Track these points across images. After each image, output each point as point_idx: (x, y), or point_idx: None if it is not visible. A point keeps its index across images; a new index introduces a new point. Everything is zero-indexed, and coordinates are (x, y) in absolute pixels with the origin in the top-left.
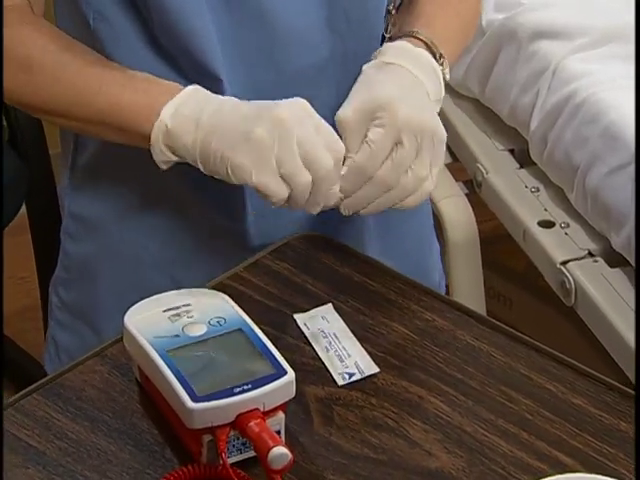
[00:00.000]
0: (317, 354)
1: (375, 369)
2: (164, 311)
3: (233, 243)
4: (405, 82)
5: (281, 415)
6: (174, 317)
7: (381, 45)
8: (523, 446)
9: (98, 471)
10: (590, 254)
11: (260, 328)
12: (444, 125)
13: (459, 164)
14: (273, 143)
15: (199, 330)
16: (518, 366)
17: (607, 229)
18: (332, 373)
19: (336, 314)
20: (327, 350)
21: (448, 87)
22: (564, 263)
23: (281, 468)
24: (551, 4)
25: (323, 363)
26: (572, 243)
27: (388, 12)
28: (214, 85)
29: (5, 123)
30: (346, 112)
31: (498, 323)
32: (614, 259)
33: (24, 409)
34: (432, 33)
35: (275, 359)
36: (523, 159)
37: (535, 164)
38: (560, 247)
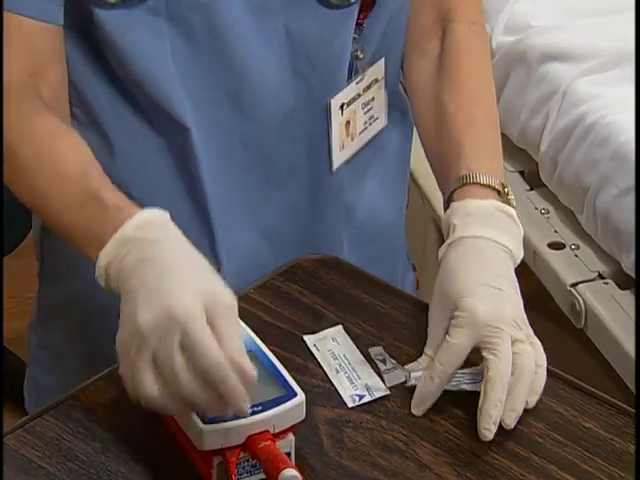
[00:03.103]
0: (327, 376)
1: (385, 391)
2: None
3: None
4: (486, 261)
5: (291, 437)
6: None
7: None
8: (534, 469)
9: None
10: (600, 276)
11: (270, 349)
12: None
13: None
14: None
15: None
16: None
17: (617, 251)
18: (342, 395)
19: (346, 336)
20: (337, 372)
21: None
22: (574, 285)
23: None
24: (561, 27)
25: (333, 385)
26: (582, 265)
27: (355, 57)
28: (182, 133)
29: None
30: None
31: None
32: (624, 281)
33: (34, 430)
34: (480, 166)
35: (286, 381)
36: (533, 181)
37: (545, 186)
38: (570, 269)
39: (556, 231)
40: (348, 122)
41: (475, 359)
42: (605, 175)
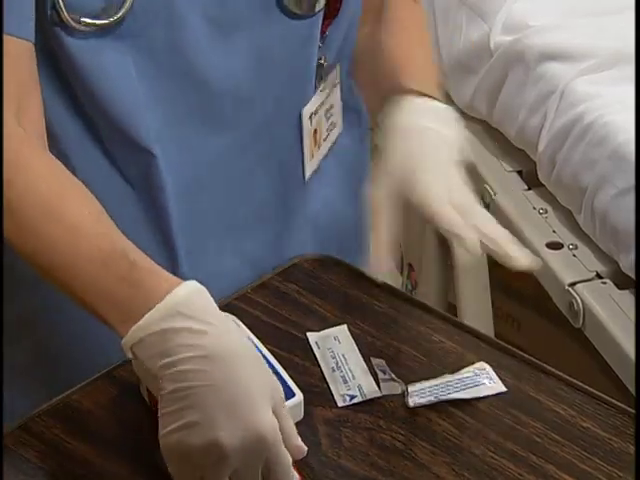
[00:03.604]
0: (324, 375)
1: (378, 393)
2: None
3: None
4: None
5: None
6: None
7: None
8: (532, 469)
9: None
10: (598, 276)
11: (268, 349)
12: None
13: None
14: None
15: None
16: (527, 388)
17: (615, 251)
18: (333, 393)
19: (349, 336)
20: (333, 370)
21: (456, 109)
22: (572, 285)
23: None
24: (559, 26)
25: (327, 383)
26: (580, 265)
27: (319, 65)
28: (146, 160)
29: None
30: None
31: (507, 345)
32: (623, 281)
33: (33, 431)
34: (424, 79)
35: (284, 381)
36: (531, 180)
37: (543, 186)
38: (568, 269)
39: (554, 231)
40: (315, 131)
41: (468, 360)
42: (603, 175)
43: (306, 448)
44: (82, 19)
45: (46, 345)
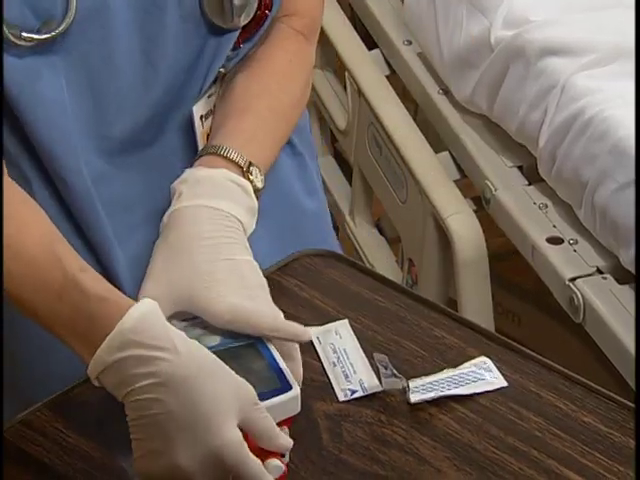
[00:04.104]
0: (325, 370)
1: (379, 388)
2: (182, 321)
3: None
4: (197, 236)
5: (285, 430)
6: (190, 327)
7: None
8: (533, 464)
9: None
10: (599, 271)
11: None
12: (453, 141)
13: (467, 180)
14: None
15: (212, 341)
16: (528, 383)
17: (616, 246)
18: (335, 388)
19: (350, 331)
20: (334, 365)
21: (456, 104)
22: (572, 280)
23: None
24: (560, 21)
25: (328, 378)
26: (581, 260)
27: (219, 73)
28: (71, 180)
29: None
30: (153, 291)
31: (508, 340)
32: (623, 276)
33: (34, 425)
34: (234, 144)
35: (282, 374)
36: (532, 176)
37: (544, 181)
38: (569, 264)
39: (554, 226)
40: (208, 135)
41: (469, 354)
42: (604, 170)
43: (290, 442)
44: (23, 34)
45: (15, 358)
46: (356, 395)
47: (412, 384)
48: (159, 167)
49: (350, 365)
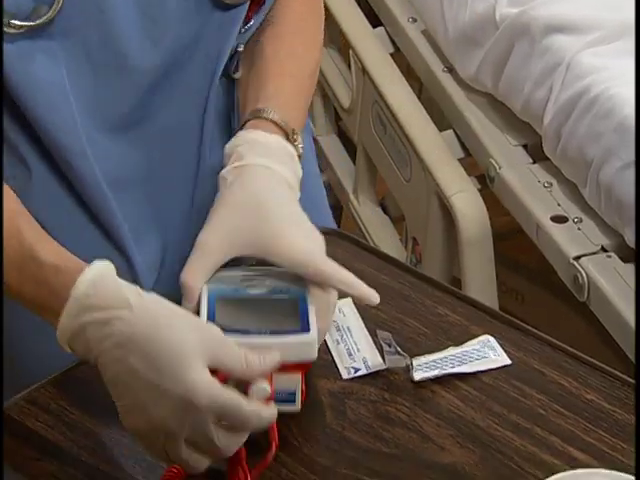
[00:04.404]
0: (329, 348)
1: (382, 366)
2: (243, 273)
3: None
4: (266, 189)
5: (297, 376)
6: (245, 280)
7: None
8: (536, 441)
9: (111, 463)
10: (603, 249)
11: None
12: (457, 119)
13: (472, 159)
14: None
15: (259, 291)
16: (531, 361)
17: (620, 224)
18: (338, 366)
19: (354, 308)
20: (338, 343)
21: (461, 81)
22: (577, 258)
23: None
24: None
25: (332, 356)
26: (585, 238)
27: (237, 52)
28: (77, 163)
29: None
30: (207, 237)
31: (511, 318)
32: (627, 254)
33: (38, 402)
34: (277, 107)
35: (306, 318)
36: (536, 154)
37: (548, 159)
38: (573, 242)
39: (559, 204)
40: None
41: (473, 332)
42: (609, 148)
43: (268, 389)
44: (11, 21)
45: (7, 340)
46: (360, 373)
47: (416, 362)
48: (165, 142)
49: (354, 343)
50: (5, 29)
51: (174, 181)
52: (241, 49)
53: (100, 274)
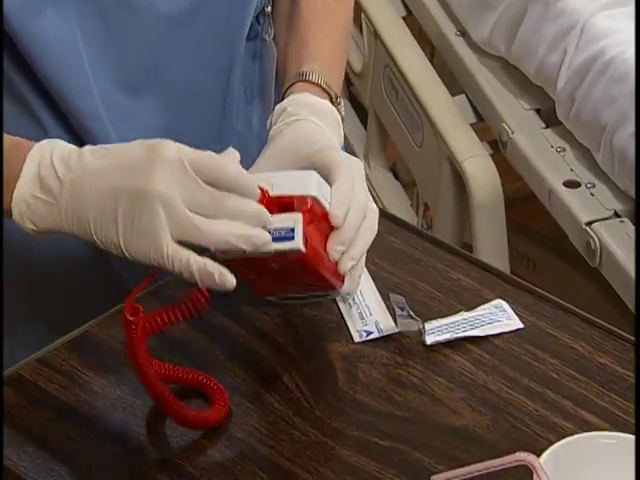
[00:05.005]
0: (341, 311)
1: (394, 330)
2: None
3: None
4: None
5: (297, 215)
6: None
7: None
8: (549, 405)
9: (124, 424)
10: (616, 214)
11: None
12: (470, 84)
13: (484, 124)
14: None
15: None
16: (544, 325)
17: (633, 189)
18: (350, 329)
19: (366, 272)
20: (350, 306)
21: (474, 45)
22: (589, 224)
23: None
24: None
25: (344, 319)
26: (598, 203)
27: (263, 13)
28: (91, 124)
29: None
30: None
31: (524, 282)
32: None
33: (51, 363)
34: (321, 69)
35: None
36: (549, 119)
37: (561, 124)
38: (586, 207)
39: (572, 169)
40: None
41: (485, 297)
42: (623, 112)
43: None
44: None
45: (41, 287)
46: (372, 336)
47: (428, 326)
48: (186, 107)
49: (366, 306)
50: None
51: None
52: (269, 9)
53: (47, 142)
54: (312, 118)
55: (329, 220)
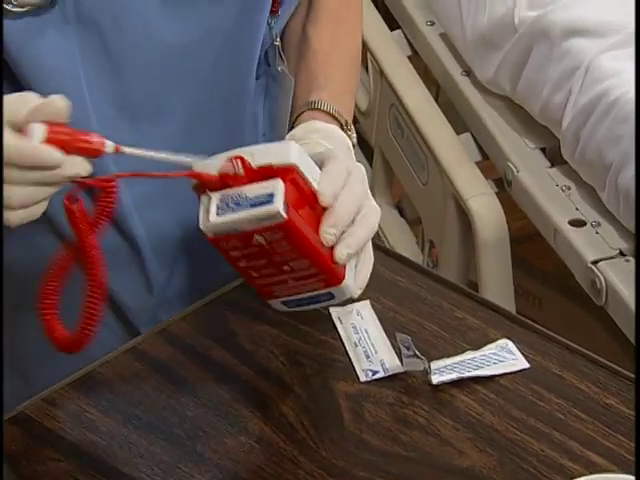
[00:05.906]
0: (346, 350)
1: (400, 369)
2: None
3: None
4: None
5: (277, 181)
6: None
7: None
8: (555, 446)
9: (129, 465)
10: (621, 253)
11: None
12: (475, 122)
13: (489, 162)
14: None
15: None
16: (550, 365)
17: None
18: (356, 368)
19: (372, 311)
20: (355, 345)
21: (479, 84)
22: (595, 262)
23: None
24: (584, 2)
25: (350, 358)
26: (603, 242)
27: (272, 45)
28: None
29: None
30: None
31: (529, 322)
32: None
33: (56, 402)
34: (329, 98)
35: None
36: (554, 158)
37: (566, 163)
38: (591, 246)
39: (577, 208)
40: None
41: (491, 336)
42: (628, 152)
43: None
44: (13, 0)
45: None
46: (377, 376)
47: (433, 365)
48: (184, 133)
49: (371, 345)
50: (7, 7)
51: None
52: (277, 42)
53: None
54: (323, 142)
55: (320, 202)
